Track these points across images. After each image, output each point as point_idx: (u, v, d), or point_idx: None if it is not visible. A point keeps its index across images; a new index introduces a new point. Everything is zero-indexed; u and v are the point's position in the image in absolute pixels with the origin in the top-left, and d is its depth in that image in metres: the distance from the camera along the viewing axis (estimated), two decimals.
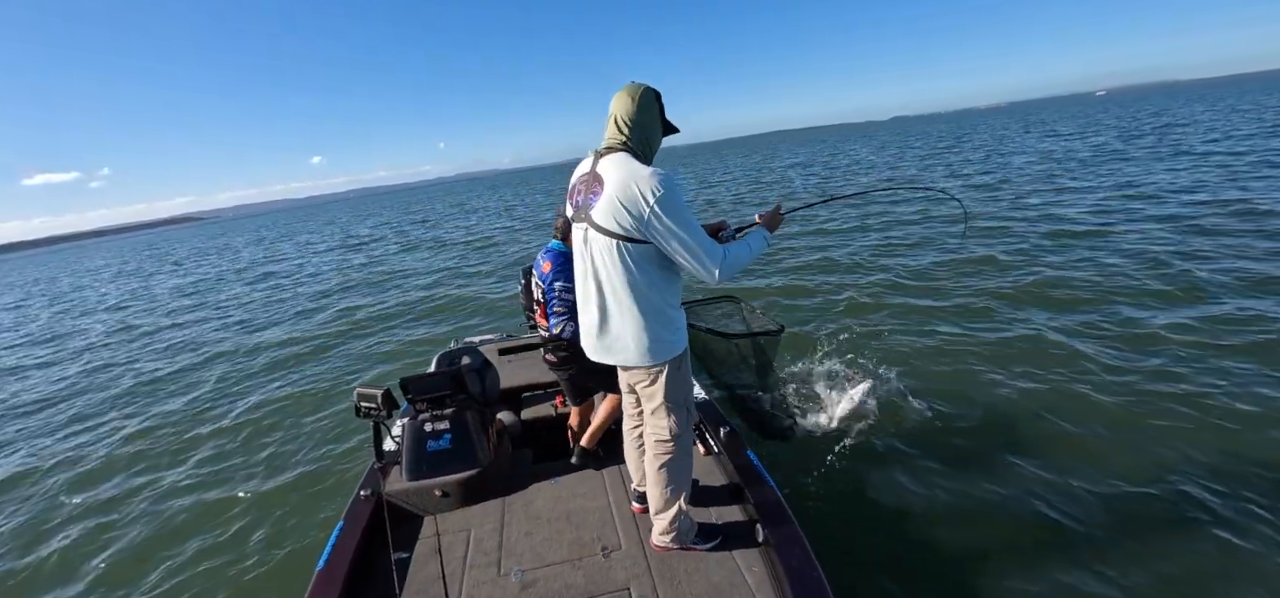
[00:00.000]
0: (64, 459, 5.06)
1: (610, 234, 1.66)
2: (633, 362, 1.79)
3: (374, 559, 2.05)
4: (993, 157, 21.61)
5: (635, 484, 2.22)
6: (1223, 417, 3.39)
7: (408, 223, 30.04)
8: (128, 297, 16.56)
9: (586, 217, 1.72)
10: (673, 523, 1.94)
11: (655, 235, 1.64)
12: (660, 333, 1.76)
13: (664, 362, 1.80)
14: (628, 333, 1.75)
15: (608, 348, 1.82)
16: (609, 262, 1.70)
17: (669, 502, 1.93)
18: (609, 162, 1.70)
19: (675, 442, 1.89)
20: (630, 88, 1.74)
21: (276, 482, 4.04)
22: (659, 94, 1.78)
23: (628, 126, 1.72)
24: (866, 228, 10.55)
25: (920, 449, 3.42)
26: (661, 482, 1.92)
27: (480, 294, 9.69)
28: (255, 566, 3.16)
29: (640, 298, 1.71)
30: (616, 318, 1.76)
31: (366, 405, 2.20)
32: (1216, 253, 6.37)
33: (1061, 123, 41.36)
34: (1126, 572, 2.42)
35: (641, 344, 1.75)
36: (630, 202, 1.61)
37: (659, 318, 1.75)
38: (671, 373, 1.83)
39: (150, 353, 8.85)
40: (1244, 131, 19.10)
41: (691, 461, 1.99)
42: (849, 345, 4.97)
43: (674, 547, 1.96)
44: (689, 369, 1.92)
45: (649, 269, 1.71)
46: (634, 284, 1.70)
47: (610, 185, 1.64)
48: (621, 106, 1.72)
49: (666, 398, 1.85)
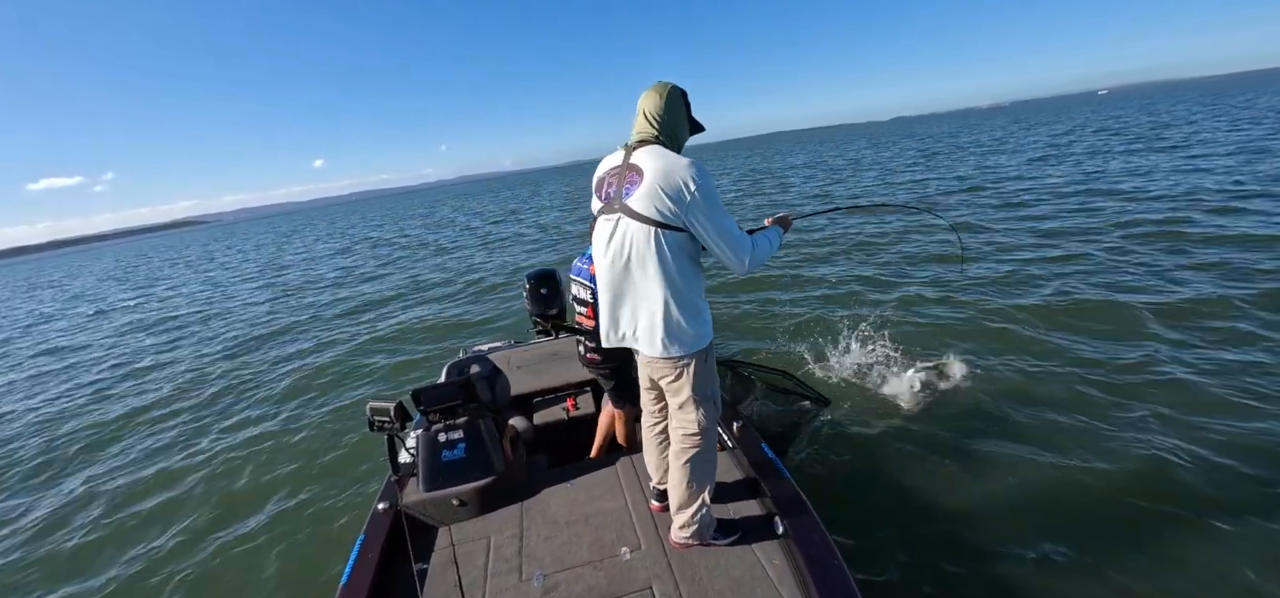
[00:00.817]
0: (73, 476, 5.08)
1: (650, 221, 1.69)
2: (660, 352, 1.80)
3: (396, 572, 2.07)
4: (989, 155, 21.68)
5: (655, 483, 2.22)
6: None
7: (417, 226, 30.11)
8: (141, 298, 16.66)
9: (622, 206, 1.74)
10: (694, 518, 1.94)
11: (694, 221, 1.70)
12: (690, 324, 1.78)
13: (692, 354, 1.81)
14: (659, 323, 1.76)
15: (639, 335, 1.82)
16: (645, 250, 1.72)
17: (693, 497, 1.94)
18: (645, 153, 1.74)
19: (702, 436, 1.91)
20: (659, 86, 1.81)
21: (294, 498, 4.03)
22: (685, 93, 1.84)
23: (657, 121, 1.78)
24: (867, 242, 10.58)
25: (935, 438, 3.46)
26: (686, 477, 1.93)
27: (487, 301, 9.71)
28: (277, 584, 3.17)
29: (674, 288, 1.74)
30: (647, 307, 1.77)
31: (380, 419, 2.22)
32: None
33: (1059, 121, 41.33)
34: (1148, 560, 2.43)
35: (672, 334, 1.76)
36: (672, 189, 1.66)
37: (689, 309, 1.77)
38: (699, 366, 1.84)
39: (166, 362, 8.89)
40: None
41: (716, 456, 2.01)
42: (862, 337, 4.99)
43: (694, 543, 1.97)
44: (714, 363, 1.94)
45: (682, 260, 1.74)
46: (668, 274, 1.73)
47: (650, 174, 1.68)
48: (651, 102, 1.78)
49: (695, 391, 1.86)
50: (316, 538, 3.50)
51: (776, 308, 6.65)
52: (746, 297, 7.21)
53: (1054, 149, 21.22)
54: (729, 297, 7.26)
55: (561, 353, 3.80)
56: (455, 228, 25.02)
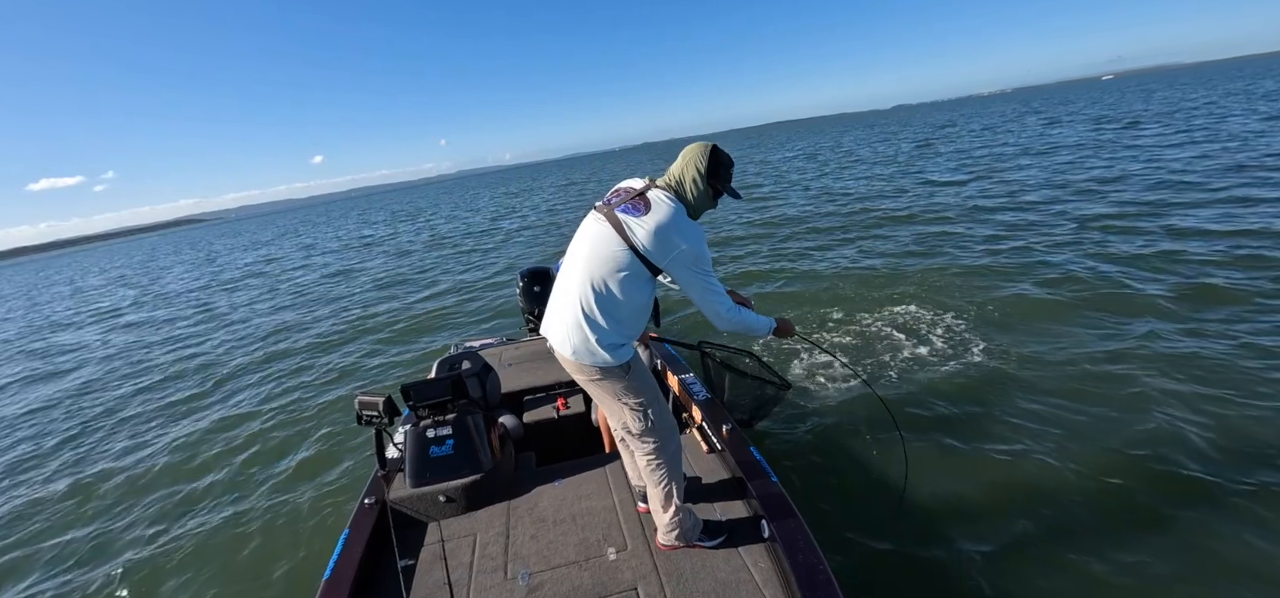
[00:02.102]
0: (61, 471, 5.11)
1: (631, 244, 1.72)
2: (570, 356, 1.80)
3: (380, 566, 2.07)
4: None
5: (637, 484, 2.23)
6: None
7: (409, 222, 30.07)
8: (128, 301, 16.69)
9: (614, 214, 1.77)
10: (674, 521, 1.94)
11: (675, 272, 1.78)
12: (617, 342, 1.79)
13: (612, 366, 1.80)
14: (587, 333, 1.76)
15: (563, 339, 1.81)
16: (609, 258, 1.74)
17: (664, 499, 1.94)
18: (660, 195, 1.77)
19: (642, 438, 1.91)
20: (697, 150, 1.83)
21: (280, 491, 4.06)
22: (720, 156, 1.84)
23: (676, 178, 1.82)
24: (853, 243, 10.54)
25: (922, 438, 3.43)
26: (650, 480, 1.95)
27: (482, 296, 9.71)
28: (261, 575, 3.19)
29: (614, 309, 1.77)
30: (579, 309, 1.77)
31: (368, 413, 2.21)
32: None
33: (1063, 105, 41.10)
34: (1138, 559, 2.42)
35: (595, 346, 1.76)
36: (663, 239, 1.72)
37: (621, 330, 1.80)
38: (619, 377, 1.83)
39: (152, 357, 8.92)
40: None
41: (680, 456, 2.01)
42: (844, 335, 4.97)
43: (680, 545, 1.97)
44: (642, 372, 1.92)
45: (635, 291, 1.78)
46: (617, 295, 1.76)
47: (653, 215, 1.74)
48: (686, 163, 1.82)
49: (617, 398, 1.86)
50: (300, 532, 3.52)
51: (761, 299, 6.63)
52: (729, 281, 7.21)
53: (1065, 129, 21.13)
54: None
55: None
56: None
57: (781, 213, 12.81)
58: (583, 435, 3.10)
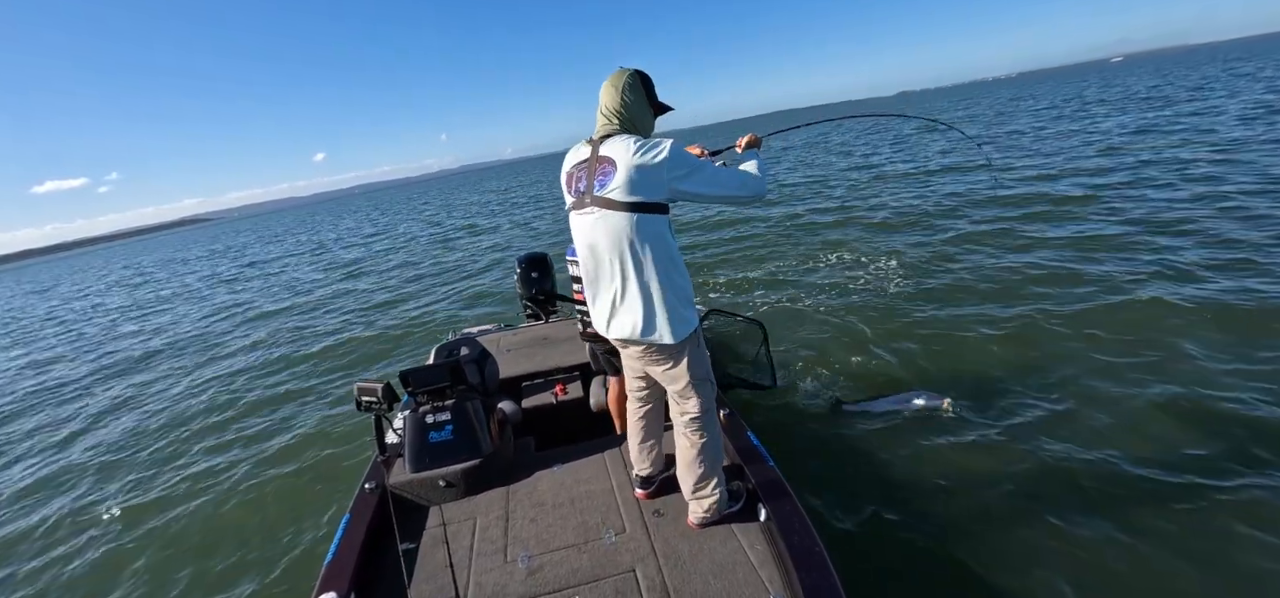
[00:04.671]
0: (55, 460, 5.16)
1: (628, 207, 1.66)
2: (656, 339, 1.77)
3: (381, 551, 2.08)
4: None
5: (636, 470, 2.22)
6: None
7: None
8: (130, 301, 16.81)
9: (596, 198, 1.71)
10: (712, 492, 1.95)
11: (682, 189, 1.70)
12: (681, 310, 1.76)
13: (685, 339, 1.79)
14: (653, 312, 1.74)
15: (633, 327, 1.78)
16: (625, 240, 1.69)
17: (709, 476, 1.95)
18: (612, 143, 1.70)
19: (705, 416, 1.92)
20: (614, 77, 1.75)
21: (281, 477, 4.10)
22: (645, 76, 1.77)
23: (617, 115, 1.74)
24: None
25: (917, 424, 3.41)
26: (699, 459, 1.94)
27: (478, 284, 9.75)
28: (263, 560, 3.21)
29: (662, 275, 1.72)
30: (636, 298, 1.74)
31: (367, 399, 2.22)
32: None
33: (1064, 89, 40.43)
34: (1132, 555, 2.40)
35: (666, 322, 1.74)
36: (648, 169, 1.64)
37: (679, 295, 1.76)
38: (693, 349, 1.84)
39: (147, 349, 8.99)
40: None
41: (719, 431, 2.02)
42: (839, 322, 4.94)
43: (714, 518, 1.99)
44: (704, 344, 1.93)
45: (661, 246, 1.72)
46: (651, 262, 1.71)
47: (623, 161, 1.65)
48: (608, 97, 1.75)
49: (692, 375, 1.85)
50: (302, 517, 3.54)
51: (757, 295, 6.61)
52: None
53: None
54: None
55: (552, 337, 3.79)
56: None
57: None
58: (581, 421, 3.10)
